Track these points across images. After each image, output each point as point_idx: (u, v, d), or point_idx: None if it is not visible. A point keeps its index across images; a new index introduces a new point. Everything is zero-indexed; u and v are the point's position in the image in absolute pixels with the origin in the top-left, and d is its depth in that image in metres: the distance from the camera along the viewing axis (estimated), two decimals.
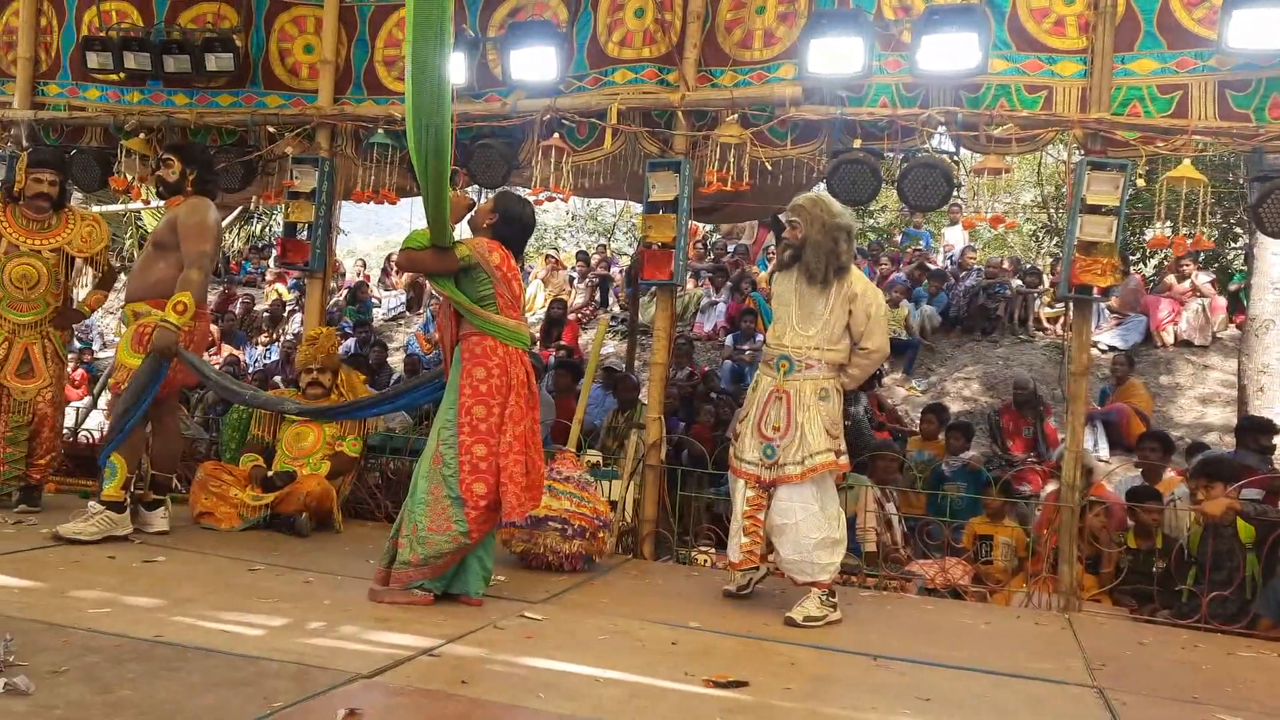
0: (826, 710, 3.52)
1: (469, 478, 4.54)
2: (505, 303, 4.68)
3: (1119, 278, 5.71)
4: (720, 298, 13.95)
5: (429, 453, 4.64)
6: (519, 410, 4.64)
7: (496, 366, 4.62)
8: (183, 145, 6.15)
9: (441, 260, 4.59)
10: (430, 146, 4.20)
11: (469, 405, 4.59)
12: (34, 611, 3.82)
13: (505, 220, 4.84)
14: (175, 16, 7.42)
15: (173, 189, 5.79)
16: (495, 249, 4.70)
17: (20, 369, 6.00)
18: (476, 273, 4.61)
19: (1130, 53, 5.69)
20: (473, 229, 4.90)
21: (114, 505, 5.42)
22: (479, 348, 4.64)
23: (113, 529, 5.37)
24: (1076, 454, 5.75)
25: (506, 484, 4.55)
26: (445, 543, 4.50)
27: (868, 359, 4.98)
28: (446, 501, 4.53)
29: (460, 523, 4.51)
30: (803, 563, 4.78)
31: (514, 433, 4.61)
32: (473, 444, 4.57)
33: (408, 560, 4.52)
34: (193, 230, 5.57)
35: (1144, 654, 4.80)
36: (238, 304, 15.70)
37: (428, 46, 3.96)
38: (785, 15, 6.22)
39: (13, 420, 6.01)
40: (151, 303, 5.56)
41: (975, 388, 11.81)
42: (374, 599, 4.51)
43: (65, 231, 6.15)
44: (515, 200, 5.04)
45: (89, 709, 2.87)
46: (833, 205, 5.01)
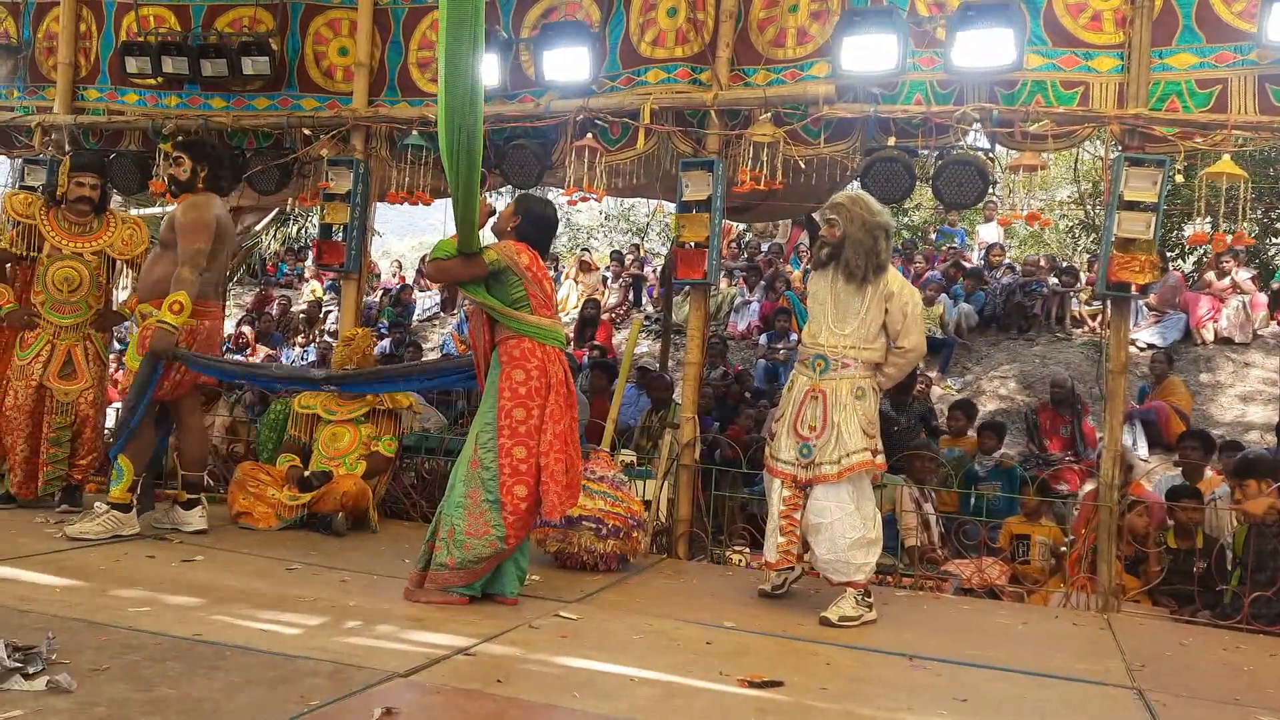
0: (863, 711, 3.51)
1: (509, 480, 4.55)
2: (539, 303, 4.69)
3: (1157, 275, 5.66)
4: (754, 296, 13.91)
5: (466, 456, 4.65)
6: (558, 409, 4.65)
7: (535, 368, 4.63)
8: (193, 142, 6.12)
9: (470, 267, 4.61)
10: (462, 148, 4.21)
11: (508, 408, 4.59)
12: (76, 610, 3.87)
13: (529, 221, 4.84)
14: (212, 21, 7.50)
15: (185, 186, 5.78)
16: (523, 250, 4.71)
17: (63, 371, 6.08)
18: (507, 276, 4.62)
19: (1168, 47, 5.62)
20: (497, 234, 4.90)
21: (120, 506, 5.48)
22: (517, 350, 4.65)
23: (119, 529, 5.43)
24: (1115, 453, 5.69)
25: (548, 483, 4.56)
26: (483, 547, 4.51)
27: (904, 358, 4.96)
28: (485, 505, 4.53)
29: (498, 527, 4.52)
30: (838, 562, 4.76)
31: (554, 431, 4.62)
32: (512, 446, 4.57)
33: (444, 563, 4.52)
34: (188, 228, 5.57)
35: (1185, 655, 4.74)
36: (274, 305, 15.81)
37: (460, 48, 3.98)
38: (818, 13, 6.19)
39: (56, 421, 6.09)
40: (155, 303, 5.55)
41: (1012, 386, 11.71)
42: (409, 598, 4.53)
43: (106, 234, 6.23)
44: (537, 201, 5.05)
45: (130, 706, 2.90)
46: (872, 203, 4.99)
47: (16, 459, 6.05)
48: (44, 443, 6.07)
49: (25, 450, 6.05)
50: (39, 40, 7.94)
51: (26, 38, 7.93)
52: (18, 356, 6.09)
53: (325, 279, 16.01)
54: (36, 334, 6.07)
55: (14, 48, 7.87)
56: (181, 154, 5.81)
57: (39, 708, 2.83)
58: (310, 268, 17.03)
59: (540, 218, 4.91)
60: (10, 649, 3.14)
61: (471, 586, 4.55)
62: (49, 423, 6.08)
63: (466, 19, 3.97)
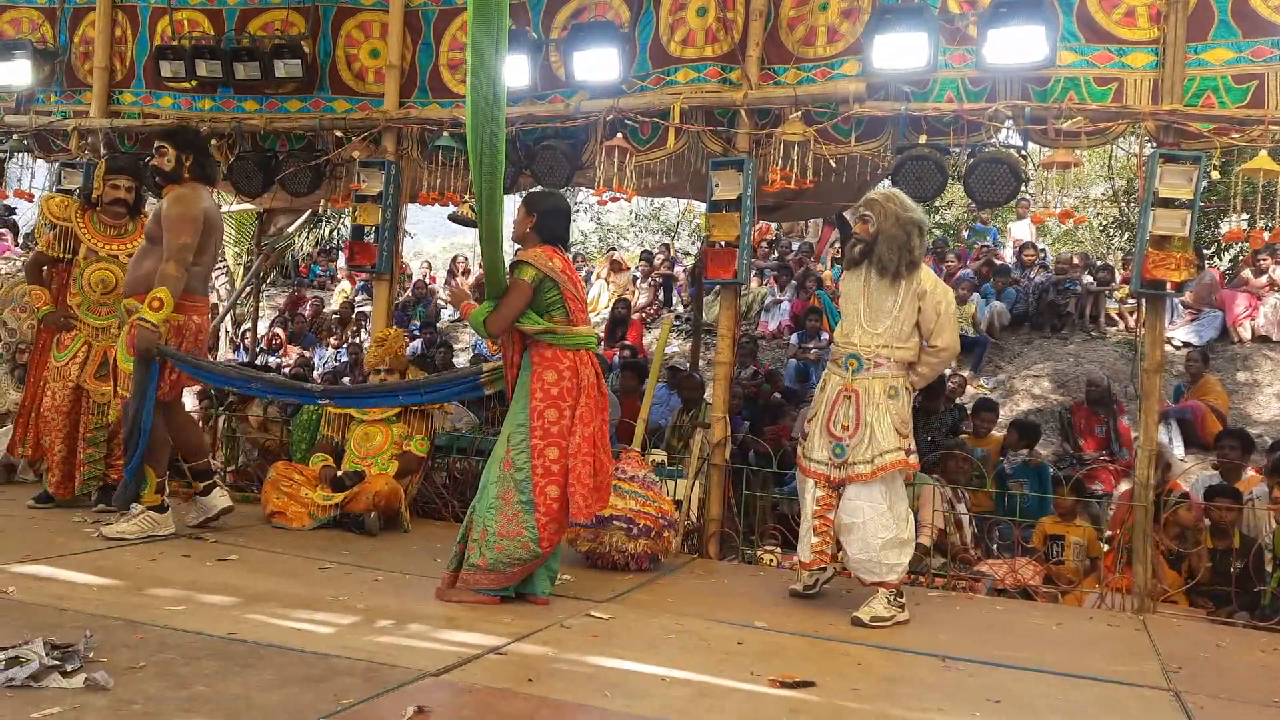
0: (895, 711, 3.49)
1: (542, 480, 4.55)
2: (574, 306, 4.69)
3: (1193, 272, 5.60)
4: (785, 296, 13.88)
5: (498, 457, 4.65)
6: (588, 412, 4.65)
7: (568, 369, 4.64)
8: (175, 130, 5.82)
9: (518, 297, 4.60)
10: (485, 149, 4.23)
11: (540, 409, 4.60)
12: (112, 609, 3.91)
13: (543, 215, 4.81)
14: (245, 24, 7.56)
15: (170, 177, 5.56)
16: (554, 254, 4.70)
17: (99, 372, 6.15)
18: (544, 284, 4.62)
19: (1204, 42, 5.57)
20: (519, 240, 4.88)
21: (154, 508, 5.50)
22: (549, 351, 4.65)
23: (155, 529, 5.45)
24: (1150, 452, 5.64)
25: (575, 485, 4.56)
26: (515, 548, 4.50)
27: (937, 357, 4.93)
28: (518, 506, 4.54)
29: (531, 529, 4.51)
30: (870, 562, 4.74)
31: (583, 434, 4.61)
32: (545, 447, 4.57)
33: (476, 564, 4.53)
34: (173, 222, 5.38)
35: (1222, 657, 4.69)
36: (307, 306, 15.92)
37: (484, 49, 4.01)
38: (849, 11, 6.17)
39: (93, 422, 6.17)
40: (140, 297, 5.40)
41: (1045, 385, 11.63)
42: (441, 598, 4.55)
43: (141, 237, 6.29)
44: (541, 195, 5.01)
45: (165, 704, 2.93)
46: (906, 200, 4.97)
47: (55, 459, 6.13)
48: (81, 443, 6.15)
49: (63, 450, 6.12)
50: (75, 45, 8.03)
51: (63, 43, 8.01)
52: (55, 358, 6.17)
53: (357, 280, 16.09)
54: (73, 335, 6.15)
55: (51, 52, 7.95)
56: (164, 143, 5.56)
57: (77, 705, 2.86)
58: (342, 269, 17.13)
59: (554, 210, 4.87)
60: (49, 647, 3.18)
61: (505, 589, 4.56)
62: (86, 423, 6.16)
63: (489, 21, 3.99)
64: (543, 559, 4.61)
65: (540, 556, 4.57)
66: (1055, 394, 11.39)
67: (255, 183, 7.36)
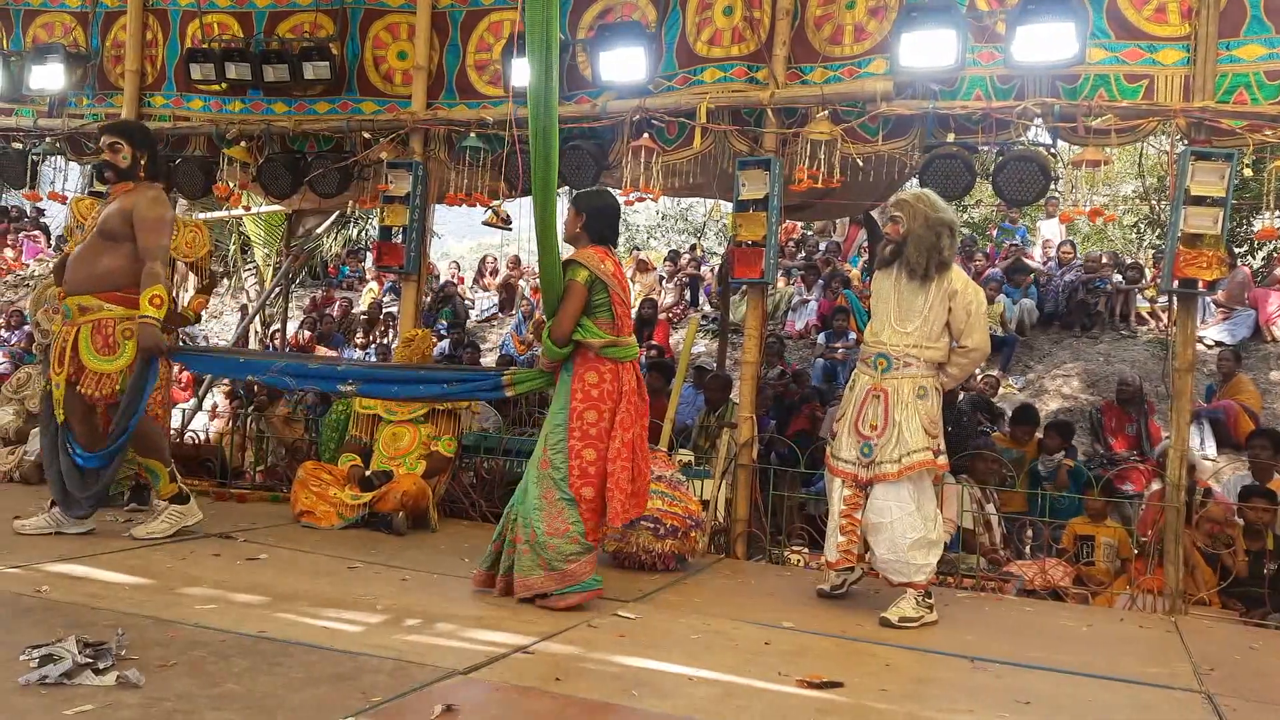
0: (924, 713, 3.47)
1: (578, 482, 4.53)
2: (621, 311, 4.67)
3: (1225, 271, 5.55)
4: (812, 295, 13.84)
5: (536, 458, 4.63)
6: (628, 417, 4.63)
7: (609, 371, 4.62)
8: (128, 125, 5.71)
9: (574, 305, 4.58)
10: (539, 153, 4.21)
11: (580, 409, 4.58)
12: (144, 607, 3.95)
13: (592, 215, 4.80)
14: (274, 27, 7.62)
15: (125, 174, 5.45)
16: (606, 257, 4.69)
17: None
18: (595, 285, 4.60)
19: (1236, 38, 5.52)
20: (570, 240, 4.86)
21: (176, 499, 5.48)
22: (592, 352, 4.63)
23: (183, 520, 5.44)
24: (1181, 452, 5.59)
25: (613, 490, 4.54)
26: (565, 544, 4.47)
27: (967, 358, 4.90)
28: (561, 503, 4.51)
29: (576, 523, 4.50)
30: (898, 563, 4.72)
31: (622, 439, 4.59)
32: (583, 448, 4.56)
33: (536, 565, 4.48)
34: (153, 224, 5.29)
35: (1255, 659, 4.65)
36: (335, 307, 16.01)
37: (535, 50, 3.98)
38: (876, 9, 6.15)
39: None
40: (102, 295, 5.29)
41: (1075, 385, 11.54)
42: (547, 605, 4.44)
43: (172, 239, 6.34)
44: (593, 195, 5.01)
45: (196, 701, 2.95)
46: (936, 200, 4.94)
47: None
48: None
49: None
50: (107, 49, 8.11)
51: (95, 46, 8.10)
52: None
53: (385, 281, 16.17)
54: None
55: (83, 56, 8.04)
56: (120, 140, 5.43)
57: (109, 702, 2.89)
58: (370, 269, 17.22)
59: (603, 209, 4.86)
60: (81, 645, 3.21)
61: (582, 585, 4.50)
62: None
63: (538, 23, 3.96)
64: (595, 550, 4.61)
65: (591, 549, 4.57)
66: (1085, 393, 11.30)
67: (284, 184, 7.40)
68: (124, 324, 5.28)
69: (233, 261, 17.29)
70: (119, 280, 5.30)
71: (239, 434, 8.67)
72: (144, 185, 5.46)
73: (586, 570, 4.54)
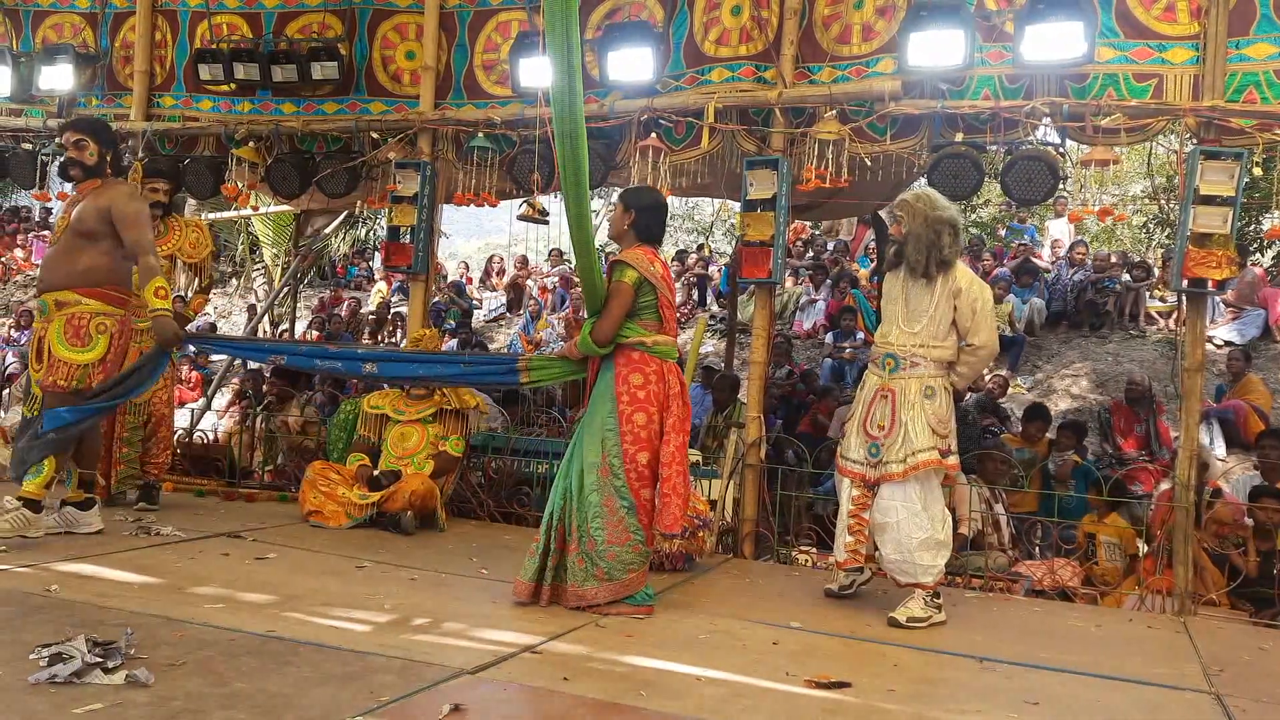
0: (932, 713, 3.47)
1: (636, 484, 4.48)
2: (667, 314, 4.64)
3: (1235, 270, 5.53)
4: (820, 295, 13.82)
5: (594, 463, 4.52)
6: (679, 421, 4.59)
7: (653, 374, 4.56)
8: (93, 122, 5.55)
9: (620, 306, 4.53)
10: (567, 155, 4.15)
11: (629, 413, 4.51)
12: (153, 606, 3.96)
13: (641, 212, 4.72)
14: (283, 27, 7.64)
15: (93, 171, 5.33)
16: (654, 258, 4.64)
17: None
18: (642, 286, 4.56)
19: (1245, 37, 5.50)
20: (617, 238, 4.82)
21: (30, 505, 5.04)
22: (636, 354, 4.57)
23: (26, 529, 4.99)
24: (1191, 452, 5.57)
25: (670, 496, 4.49)
26: (627, 553, 4.44)
27: (975, 356, 4.88)
28: (623, 511, 4.46)
29: (637, 531, 4.47)
30: (905, 563, 4.71)
31: (676, 443, 4.55)
32: (636, 452, 4.49)
33: (593, 575, 4.44)
34: (134, 219, 5.23)
35: (1265, 660, 4.63)
36: (344, 306, 16.03)
37: (555, 52, 3.92)
38: (884, 9, 6.14)
39: (129, 421, 6.23)
40: (81, 291, 5.19)
41: (1084, 385, 11.51)
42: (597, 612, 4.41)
43: (174, 238, 6.37)
44: (642, 192, 4.94)
45: (205, 700, 2.96)
46: (937, 199, 4.93)
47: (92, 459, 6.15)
48: (117, 442, 6.22)
49: (103, 450, 6.16)
50: (116, 49, 8.14)
51: (104, 47, 8.12)
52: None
53: (393, 280, 16.20)
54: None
55: (93, 57, 8.06)
56: (85, 137, 5.32)
57: (118, 701, 2.89)
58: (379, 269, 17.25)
59: (652, 206, 4.79)
60: (91, 644, 3.22)
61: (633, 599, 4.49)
62: (123, 423, 6.22)
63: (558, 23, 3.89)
64: (649, 558, 4.58)
65: (649, 555, 4.55)
66: (1094, 393, 11.28)
67: (293, 184, 7.41)
68: (99, 318, 5.20)
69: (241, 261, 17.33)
70: (98, 278, 5.23)
71: (248, 434, 8.69)
72: (113, 182, 5.39)
73: (641, 581, 4.51)
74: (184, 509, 6.20)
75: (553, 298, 15.79)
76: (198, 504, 6.49)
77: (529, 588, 4.51)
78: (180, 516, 5.96)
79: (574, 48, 3.96)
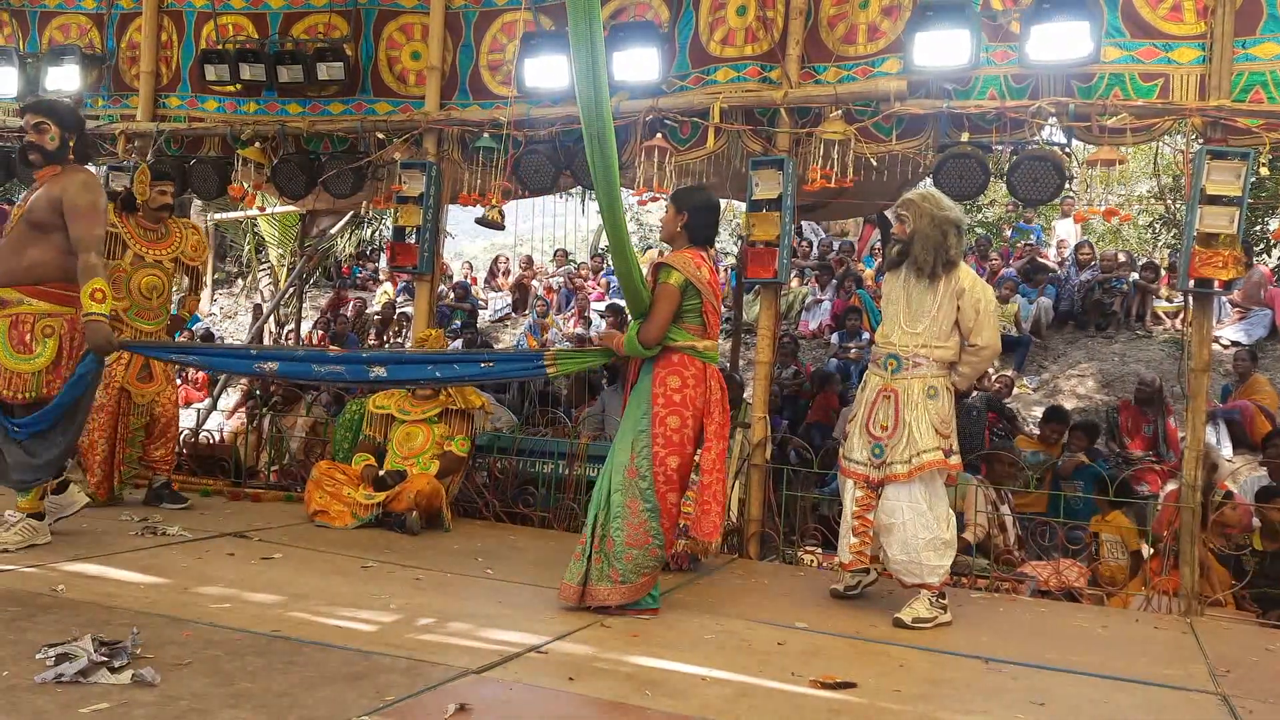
0: (938, 714, 3.47)
1: (663, 488, 4.44)
2: (713, 320, 4.60)
3: (1241, 270, 5.52)
4: (825, 295, 13.82)
5: (621, 464, 4.50)
6: (720, 427, 4.55)
7: (692, 377, 4.51)
8: (54, 104, 5.20)
9: (666, 308, 4.48)
10: (596, 155, 4.10)
11: (662, 415, 4.47)
12: (159, 606, 3.97)
13: (694, 212, 4.65)
14: (288, 28, 7.65)
15: (52, 157, 5.01)
16: (702, 263, 4.56)
17: (140, 374, 6.22)
18: (688, 289, 4.51)
19: (1252, 37, 5.49)
20: (669, 240, 4.76)
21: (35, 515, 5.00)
22: (675, 356, 4.53)
23: (35, 538, 4.92)
24: (1197, 453, 5.56)
25: (711, 503, 4.46)
26: (644, 557, 4.41)
27: (978, 356, 4.88)
28: (645, 514, 4.42)
29: (657, 535, 4.43)
30: (911, 564, 4.70)
31: (718, 450, 4.52)
32: (666, 455, 4.45)
33: (608, 576, 4.43)
34: (86, 211, 4.90)
35: (1272, 661, 4.62)
36: (349, 307, 16.04)
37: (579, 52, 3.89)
38: (889, 9, 6.14)
39: (133, 423, 6.23)
40: (24, 289, 4.92)
41: (1090, 385, 11.50)
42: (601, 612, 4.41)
43: (176, 241, 6.38)
44: (691, 191, 4.87)
45: (211, 700, 2.96)
46: (942, 199, 4.94)
47: (96, 459, 6.17)
48: (120, 443, 6.21)
49: (105, 450, 6.17)
50: (122, 50, 8.16)
51: (110, 48, 8.14)
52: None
53: (399, 281, 16.22)
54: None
55: (99, 57, 8.08)
56: (46, 120, 4.99)
57: (124, 700, 2.90)
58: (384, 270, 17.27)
59: (705, 206, 4.71)
60: (97, 644, 3.23)
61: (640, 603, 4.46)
62: (126, 424, 6.22)
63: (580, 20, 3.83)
64: (662, 564, 4.54)
65: (664, 561, 4.51)
66: (1100, 394, 11.26)
67: (298, 185, 7.42)
68: (44, 321, 4.95)
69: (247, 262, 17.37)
70: (43, 274, 4.95)
71: (255, 434, 8.70)
72: (73, 169, 5.06)
73: (649, 584, 4.49)
74: (190, 509, 6.21)
75: (558, 298, 15.80)
76: (203, 504, 6.49)
77: (575, 591, 4.47)
78: (186, 516, 5.97)
79: (598, 47, 3.91)
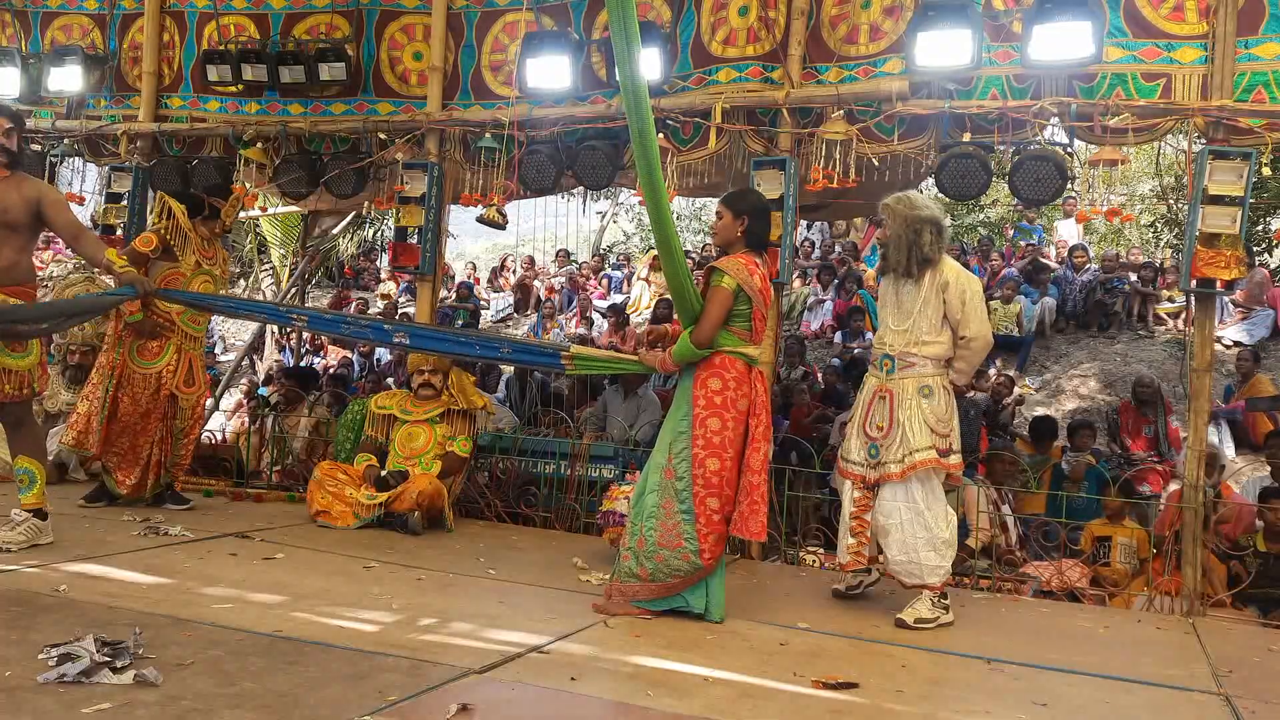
0: (940, 714, 3.46)
1: (701, 492, 4.42)
2: (760, 326, 4.57)
3: (1243, 270, 5.52)
4: (828, 295, 13.81)
5: (658, 464, 4.51)
6: (766, 428, 4.54)
7: (734, 379, 4.48)
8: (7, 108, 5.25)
9: (719, 311, 4.45)
10: (640, 157, 4.08)
11: (703, 417, 4.44)
12: (162, 606, 3.96)
13: (754, 217, 4.60)
14: (290, 28, 7.65)
15: (15, 160, 5.03)
16: (755, 271, 4.51)
17: (187, 378, 6.20)
18: (739, 294, 4.48)
19: (1254, 36, 5.49)
20: (725, 245, 4.68)
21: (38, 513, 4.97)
22: (717, 358, 4.51)
23: (39, 537, 4.92)
24: (1199, 453, 5.56)
25: (758, 504, 4.44)
26: (675, 559, 4.40)
27: (969, 348, 4.85)
28: (678, 516, 4.41)
29: (691, 539, 4.40)
30: (910, 564, 4.70)
31: (764, 450, 4.52)
32: (706, 458, 4.42)
33: (635, 574, 4.44)
34: (65, 204, 5.24)
35: (1273, 661, 4.61)
36: (351, 307, 16.04)
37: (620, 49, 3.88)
38: (891, 9, 6.14)
39: (176, 426, 6.21)
40: (7, 290, 4.92)
41: (1092, 385, 11.49)
42: (598, 610, 4.44)
43: (223, 256, 6.48)
44: (745, 194, 4.79)
45: (213, 700, 2.96)
46: (915, 200, 4.93)
47: (140, 461, 6.13)
48: (159, 445, 6.15)
49: (153, 453, 6.15)
50: (124, 50, 8.16)
51: (113, 48, 8.15)
52: (140, 364, 6.07)
53: (401, 281, 16.21)
54: (163, 343, 6.11)
55: (101, 58, 8.08)
56: (13, 125, 5.03)
57: (127, 700, 2.90)
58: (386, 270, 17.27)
59: (762, 209, 4.67)
60: (100, 644, 3.23)
61: (665, 601, 4.46)
62: (168, 427, 6.19)
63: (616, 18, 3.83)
64: (705, 571, 4.44)
65: (701, 569, 4.42)
66: (1102, 394, 11.25)
67: (300, 185, 7.43)
68: None
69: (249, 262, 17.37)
70: (20, 275, 5.00)
71: (257, 434, 8.70)
72: (21, 171, 5.09)
73: (681, 586, 4.45)
74: (192, 509, 6.21)
75: (559, 298, 15.80)
76: (206, 504, 6.49)
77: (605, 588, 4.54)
78: (188, 517, 5.97)
79: (635, 44, 3.91)
